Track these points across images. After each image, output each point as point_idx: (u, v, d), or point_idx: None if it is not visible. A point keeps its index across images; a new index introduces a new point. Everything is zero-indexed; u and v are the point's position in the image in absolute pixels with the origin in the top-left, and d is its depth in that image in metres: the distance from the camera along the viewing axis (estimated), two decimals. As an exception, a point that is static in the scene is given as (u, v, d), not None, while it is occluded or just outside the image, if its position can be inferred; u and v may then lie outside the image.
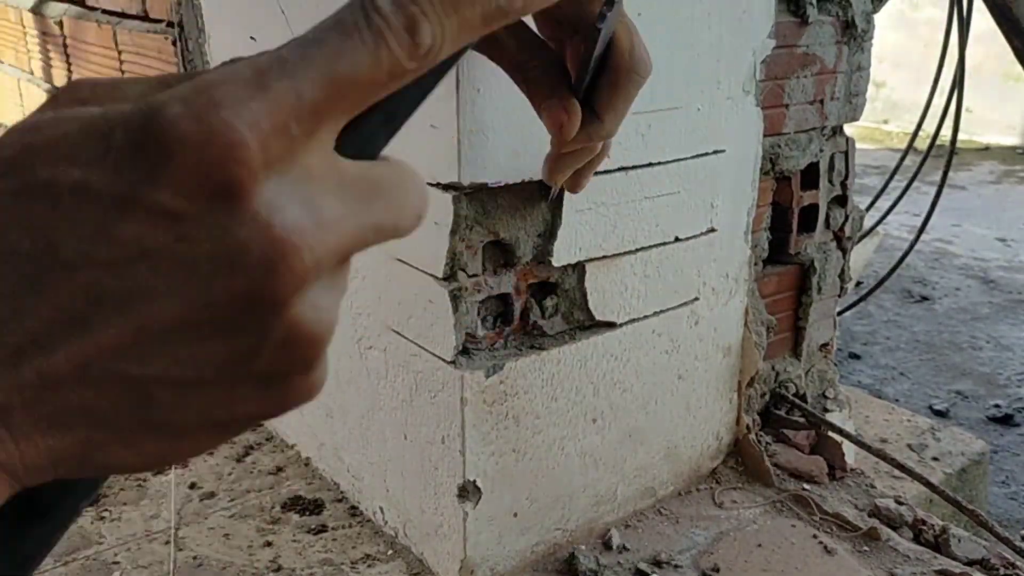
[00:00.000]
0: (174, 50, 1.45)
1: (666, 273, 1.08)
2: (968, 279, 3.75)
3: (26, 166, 0.25)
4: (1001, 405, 2.64)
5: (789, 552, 1.07)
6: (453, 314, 0.90)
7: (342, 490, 1.20)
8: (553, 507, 1.04)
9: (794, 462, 1.23)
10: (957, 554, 1.10)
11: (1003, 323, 3.30)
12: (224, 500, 1.19)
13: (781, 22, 1.15)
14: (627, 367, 1.06)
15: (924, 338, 3.16)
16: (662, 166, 1.03)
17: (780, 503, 1.18)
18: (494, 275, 0.94)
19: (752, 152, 1.15)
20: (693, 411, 1.18)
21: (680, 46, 1.00)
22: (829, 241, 1.34)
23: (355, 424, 1.13)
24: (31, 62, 2.38)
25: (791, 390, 1.33)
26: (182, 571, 1.05)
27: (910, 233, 2.68)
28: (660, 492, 1.17)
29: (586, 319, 1.02)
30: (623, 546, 1.08)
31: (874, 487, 1.23)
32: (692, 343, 1.14)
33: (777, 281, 1.30)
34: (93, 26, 1.85)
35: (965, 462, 1.62)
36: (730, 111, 1.09)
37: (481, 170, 0.86)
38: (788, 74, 1.19)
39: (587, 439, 1.05)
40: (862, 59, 1.29)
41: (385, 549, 1.09)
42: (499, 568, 1.01)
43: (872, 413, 1.75)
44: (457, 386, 0.92)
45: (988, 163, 5.88)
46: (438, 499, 0.99)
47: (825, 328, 1.38)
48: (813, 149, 1.27)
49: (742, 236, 1.17)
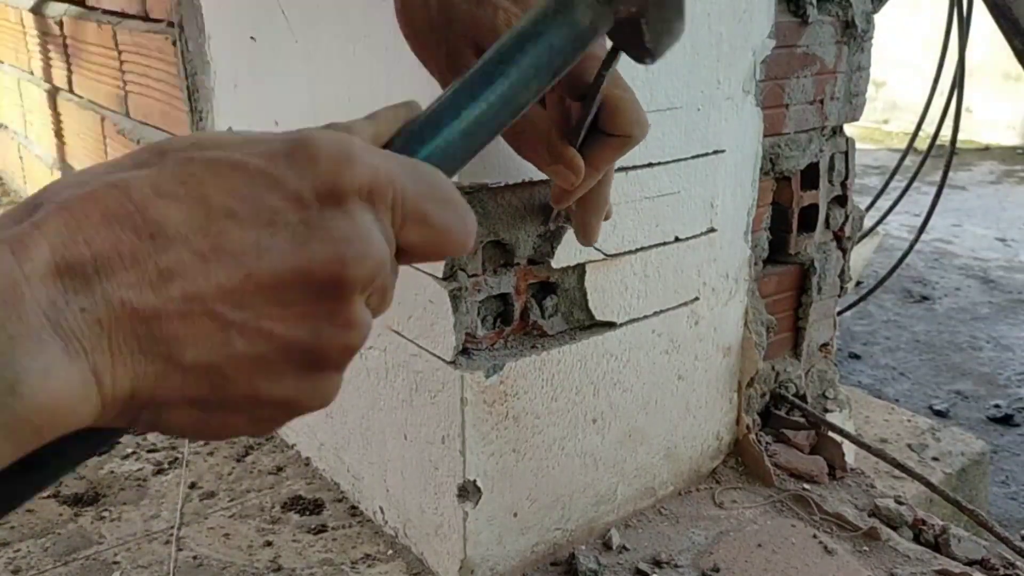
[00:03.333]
0: (174, 50, 1.45)
1: (666, 273, 1.08)
2: (968, 279, 3.74)
3: (221, 144, 0.34)
4: (1001, 405, 2.64)
5: (789, 552, 1.07)
6: (453, 314, 0.90)
7: (342, 490, 1.20)
8: (553, 507, 1.04)
9: (794, 462, 1.23)
10: (957, 554, 1.10)
11: (1003, 323, 3.30)
12: (224, 500, 1.19)
13: (781, 22, 1.15)
14: (627, 367, 1.06)
15: (924, 338, 3.16)
16: (662, 166, 1.03)
17: (780, 503, 1.18)
18: (494, 275, 0.94)
19: (752, 152, 1.15)
20: (693, 411, 1.18)
21: (680, 46, 1.00)
22: (829, 241, 1.34)
23: (355, 424, 1.13)
24: (31, 62, 2.38)
25: (791, 390, 1.33)
26: (182, 571, 1.05)
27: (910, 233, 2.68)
28: (660, 492, 1.17)
29: (586, 319, 1.02)
30: (623, 546, 1.08)
31: (874, 487, 1.22)
32: (692, 343, 1.14)
33: (777, 281, 1.30)
34: (93, 26, 1.85)
35: (965, 462, 1.62)
36: (730, 111, 1.09)
37: (481, 170, 0.86)
38: (788, 74, 1.19)
39: (587, 439, 1.05)
40: (862, 59, 1.29)
41: (385, 549, 1.09)
42: (499, 568, 1.01)
43: (872, 413, 1.75)
44: (457, 386, 0.92)
45: (988, 163, 5.88)
46: (438, 499, 0.99)
47: (825, 328, 1.38)
48: (813, 149, 1.27)
49: (742, 236, 1.17)
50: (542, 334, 0.99)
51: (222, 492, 1.21)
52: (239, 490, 1.22)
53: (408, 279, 0.96)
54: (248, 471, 1.27)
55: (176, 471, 1.27)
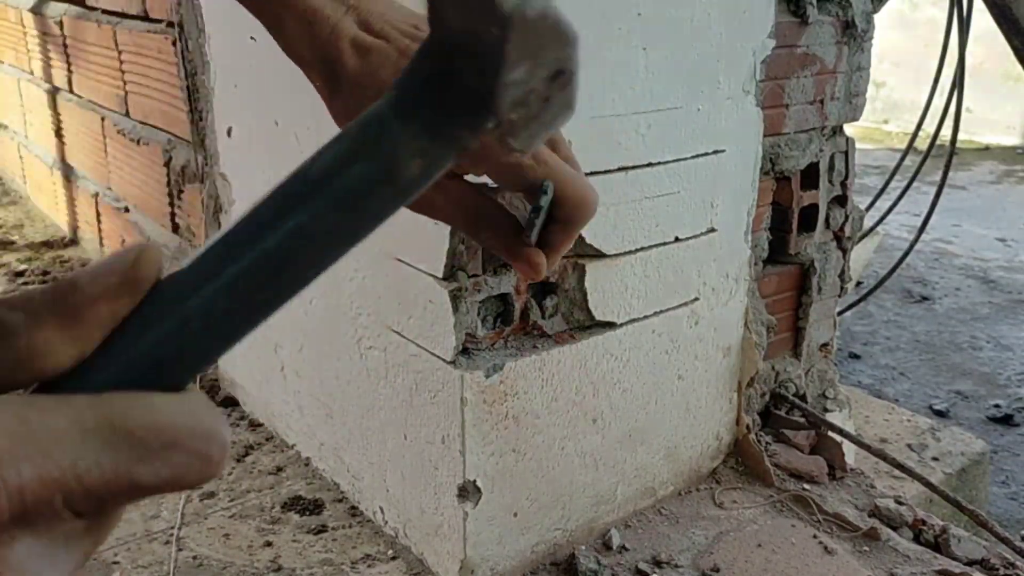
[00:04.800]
0: (174, 50, 1.45)
1: (666, 273, 1.08)
2: (968, 279, 3.74)
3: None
4: (1001, 405, 2.64)
5: (789, 552, 1.07)
6: (453, 314, 0.90)
7: (342, 490, 1.20)
8: (553, 507, 1.04)
9: (794, 462, 1.23)
10: (957, 554, 1.10)
11: (1003, 323, 3.30)
12: (224, 500, 1.19)
13: (781, 22, 1.15)
14: (627, 367, 1.06)
15: (924, 338, 3.16)
16: (662, 166, 1.03)
17: (780, 503, 1.18)
18: (494, 275, 0.94)
19: (752, 152, 1.15)
20: (693, 411, 1.18)
21: (680, 46, 1.00)
22: (829, 241, 1.34)
23: (355, 424, 1.13)
24: (31, 62, 2.38)
25: (791, 390, 1.33)
26: (182, 571, 1.05)
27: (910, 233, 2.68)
28: (660, 492, 1.17)
29: (586, 319, 1.02)
30: (623, 546, 1.08)
31: (874, 487, 1.22)
32: (692, 343, 1.14)
33: (777, 281, 1.30)
34: (93, 26, 1.85)
35: (965, 462, 1.62)
36: (730, 111, 1.09)
37: (481, 170, 0.86)
38: (788, 74, 1.19)
39: (587, 439, 1.05)
40: (862, 59, 1.29)
41: (385, 549, 1.09)
42: (499, 568, 1.01)
43: (872, 413, 1.75)
44: (457, 386, 0.92)
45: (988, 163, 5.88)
46: (438, 499, 0.99)
47: (825, 328, 1.38)
48: (813, 149, 1.27)
49: (742, 236, 1.17)
50: (542, 334, 0.99)
51: (222, 492, 1.21)
52: (239, 490, 1.22)
53: (408, 279, 0.96)
54: (248, 471, 1.26)
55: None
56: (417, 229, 0.92)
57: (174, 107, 1.52)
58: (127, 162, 1.84)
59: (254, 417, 1.42)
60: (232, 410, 1.45)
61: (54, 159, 2.34)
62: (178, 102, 1.49)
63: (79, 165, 2.18)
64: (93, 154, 2.04)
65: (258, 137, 1.24)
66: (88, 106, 2.02)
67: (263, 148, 1.23)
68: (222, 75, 1.32)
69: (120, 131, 1.83)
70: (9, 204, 2.76)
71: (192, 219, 1.56)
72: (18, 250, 2.29)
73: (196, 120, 1.43)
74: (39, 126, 2.43)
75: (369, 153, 0.31)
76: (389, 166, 0.31)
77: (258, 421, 1.41)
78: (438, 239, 0.89)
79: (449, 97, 0.31)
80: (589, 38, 0.92)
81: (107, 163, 1.96)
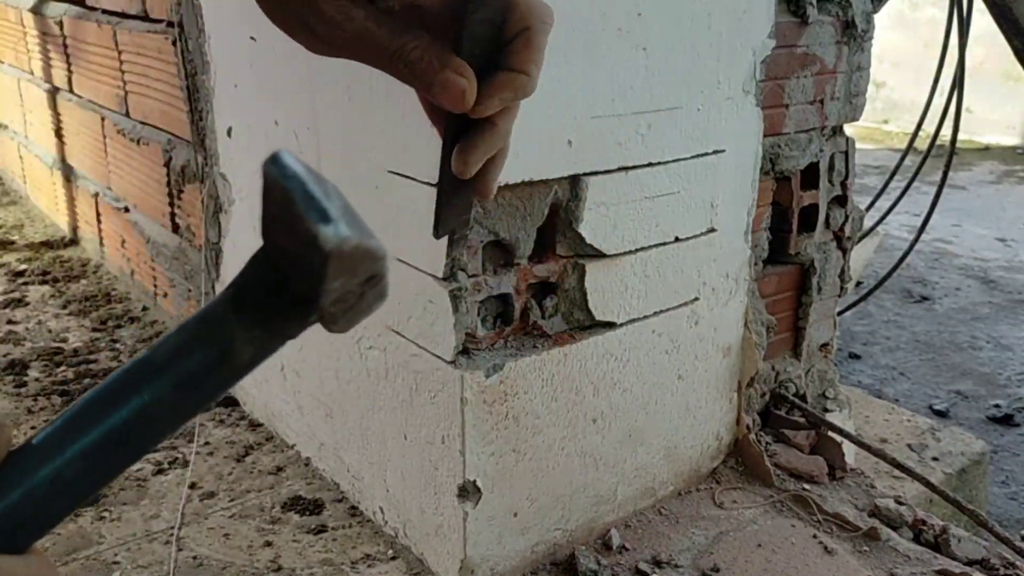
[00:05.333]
0: (174, 50, 1.45)
1: (666, 273, 1.08)
2: (968, 279, 3.74)
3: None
4: (1001, 405, 2.64)
5: (789, 552, 1.07)
6: (453, 314, 0.90)
7: (342, 490, 1.20)
8: (553, 507, 1.04)
9: (794, 462, 1.23)
10: (957, 554, 1.10)
11: (1003, 323, 3.30)
12: (224, 500, 1.19)
13: (781, 22, 1.15)
14: (627, 367, 1.06)
15: (924, 338, 3.16)
16: (662, 166, 1.03)
17: (780, 503, 1.18)
18: (494, 275, 0.94)
19: (752, 152, 1.15)
20: (693, 411, 1.18)
21: (680, 46, 1.00)
22: (829, 241, 1.34)
23: (355, 424, 1.13)
24: (31, 62, 2.38)
25: (791, 390, 1.33)
26: (182, 571, 1.05)
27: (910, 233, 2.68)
28: (660, 492, 1.17)
29: (586, 319, 1.02)
30: (623, 546, 1.08)
31: (874, 487, 1.22)
32: (692, 343, 1.14)
33: (777, 281, 1.30)
34: (93, 26, 1.85)
35: (965, 462, 1.62)
36: (730, 111, 1.09)
37: (481, 170, 0.86)
38: (788, 74, 1.19)
39: (587, 439, 1.05)
40: (862, 59, 1.29)
41: (385, 549, 1.09)
42: (499, 568, 1.01)
43: (872, 413, 1.75)
44: (457, 386, 0.92)
45: (988, 163, 5.88)
46: (438, 499, 0.99)
47: (825, 328, 1.38)
48: (813, 149, 1.27)
49: (742, 236, 1.17)
50: (542, 334, 0.99)
51: (222, 492, 1.21)
52: (239, 490, 1.22)
53: (408, 279, 0.96)
54: (248, 471, 1.26)
55: (176, 471, 1.27)
56: (417, 230, 0.92)
57: (174, 107, 1.52)
58: (127, 162, 1.84)
59: (254, 417, 1.42)
60: (232, 410, 1.45)
61: (54, 159, 2.34)
62: (178, 102, 1.49)
63: (79, 165, 2.18)
64: (93, 154, 2.04)
65: (258, 137, 1.24)
66: (88, 106, 2.02)
67: (263, 148, 1.23)
68: (222, 75, 1.32)
69: (120, 131, 1.83)
70: (9, 204, 2.76)
71: (192, 219, 1.56)
72: (18, 250, 2.29)
73: (196, 120, 1.43)
74: (39, 126, 2.43)
75: (208, 341, 0.37)
76: (226, 352, 0.37)
77: (258, 421, 1.41)
78: (438, 239, 0.89)
79: (278, 298, 0.37)
80: (589, 38, 0.92)
81: (107, 163, 1.96)
